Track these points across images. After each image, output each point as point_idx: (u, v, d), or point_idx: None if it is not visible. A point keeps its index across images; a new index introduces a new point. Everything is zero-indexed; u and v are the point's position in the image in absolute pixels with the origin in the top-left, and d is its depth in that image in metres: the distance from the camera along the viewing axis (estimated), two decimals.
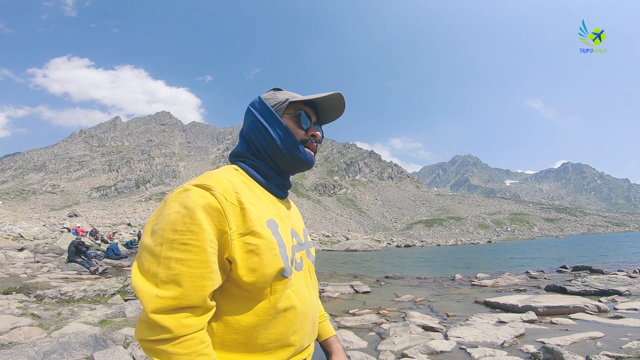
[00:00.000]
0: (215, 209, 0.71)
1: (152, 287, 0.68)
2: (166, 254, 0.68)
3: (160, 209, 0.74)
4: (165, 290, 0.67)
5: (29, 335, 3.12)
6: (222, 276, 0.74)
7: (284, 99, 0.93)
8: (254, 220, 0.76)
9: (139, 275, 0.70)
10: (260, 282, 0.75)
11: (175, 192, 0.74)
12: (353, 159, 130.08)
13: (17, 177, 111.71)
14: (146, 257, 0.70)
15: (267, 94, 0.96)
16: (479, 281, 8.25)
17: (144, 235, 0.74)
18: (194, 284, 0.68)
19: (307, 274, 0.92)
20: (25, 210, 62.23)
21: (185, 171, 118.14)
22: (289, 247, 0.84)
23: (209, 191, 0.72)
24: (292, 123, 0.93)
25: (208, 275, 0.70)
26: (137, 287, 0.69)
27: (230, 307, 0.77)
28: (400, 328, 3.94)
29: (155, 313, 0.66)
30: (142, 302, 0.68)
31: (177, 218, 0.70)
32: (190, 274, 0.68)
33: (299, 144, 0.92)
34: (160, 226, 0.71)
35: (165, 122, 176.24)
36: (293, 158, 0.92)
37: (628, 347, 3.11)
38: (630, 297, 5.69)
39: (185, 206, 0.70)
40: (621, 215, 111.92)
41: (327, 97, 0.94)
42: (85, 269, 8.89)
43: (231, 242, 0.73)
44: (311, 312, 0.89)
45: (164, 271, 0.68)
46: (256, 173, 0.89)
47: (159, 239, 0.70)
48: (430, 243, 55.72)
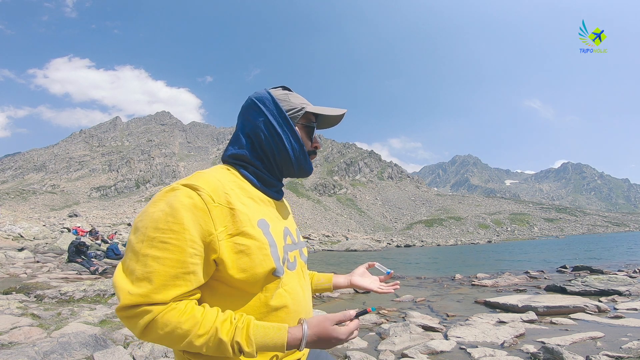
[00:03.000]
0: (201, 209, 0.71)
1: (127, 283, 0.68)
2: (145, 251, 0.69)
3: (147, 206, 0.74)
4: (138, 287, 0.67)
5: (29, 335, 3.12)
6: (204, 277, 0.74)
7: (300, 107, 0.91)
8: (244, 221, 0.76)
9: (120, 271, 0.71)
10: (251, 282, 0.76)
11: (163, 191, 0.75)
12: (353, 159, 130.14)
13: (17, 177, 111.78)
14: (127, 254, 0.71)
15: (278, 93, 0.92)
16: (479, 281, 8.25)
17: (131, 231, 0.74)
18: (165, 283, 0.68)
19: (300, 274, 0.92)
20: (25, 210, 62.28)
21: (185, 171, 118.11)
22: (281, 246, 0.83)
23: (196, 191, 0.72)
24: (304, 134, 0.92)
25: (183, 275, 0.69)
26: (115, 282, 0.70)
27: (222, 306, 0.77)
28: (400, 328, 3.94)
29: (124, 309, 0.67)
30: (117, 295, 0.69)
31: (161, 216, 0.70)
32: (164, 272, 0.68)
33: (307, 156, 0.92)
34: (143, 223, 0.71)
35: (165, 122, 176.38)
36: (299, 168, 0.92)
37: (628, 347, 3.11)
38: (630, 297, 5.69)
39: (170, 205, 0.71)
40: (621, 215, 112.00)
41: (337, 116, 0.96)
42: (85, 269, 8.89)
43: (218, 242, 0.72)
44: (304, 311, 0.88)
45: (141, 268, 0.68)
46: (254, 179, 0.87)
47: (140, 236, 0.70)
48: (430, 243, 55.74)
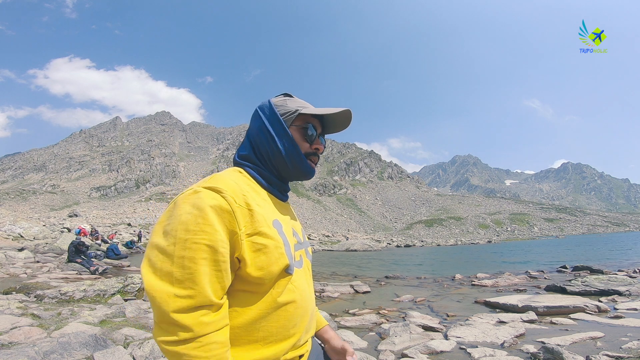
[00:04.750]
0: (226, 210, 0.74)
1: (167, 285, 0.69)
2: (180, 253, 0.70)
3: (170, 210, 0.76)
4: (182, 289, 0.68)
5: (29, 335, 3.11)
6: (232, 274, 0.77)
7: (294, 109, 0.94)
8: (261, 221, 0.79)
9: (152, 275, 0.70)
10: (267, 279, 0.79)
11: (186, 194, 0.76)
12: (353, 159, 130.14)
13: (17, 177, 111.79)
14: (159, 257, 0.71)
15: (277, 100, 0.97)
16: (479, 281, 8.25)
17: (154, 236, 0.75)
18: (208, 283, 0.70)
19: (306, 272, 0.96)
20: (25, 210, 62.27)
21: (185, 171, 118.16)
22: (292, 245, 0.88)
23: (220, 193, 0.75)
24: (299, 135, 0.95)
25: (220, 274, 0.72)
26: (152, 286, 0.69)
27: (234, 302, 0.79)
28: (400, 328, 3.94)
29: (176, 312, 0.68)
30: (159, 301, 0.68)
31: (190, 218, 0.71)
32: (203, 272, 0.70)
33: (302, 157, 0.94)
34: (172, 227, 0.72)
35: (165, 122, 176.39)
36: (295, 169, 0.95)
37: (628, 347, 3.11)
38: (630, 297, 5.69)
39: (197, 207, 0.72)
40: (621, 215, 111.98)
41: (337, 113, 0.96)
42: (85, 269, 8.88)
43: (241, 242, 0.76)
44: (310, 307, 0.93)
45: (179, 270, 0.69)
46: (261, 178, 0.92)
47: (172, 239, 0.71)
48: (430, 243, 55.75)
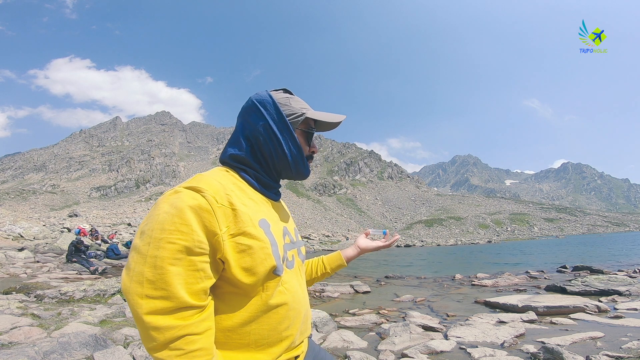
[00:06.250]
0: (206, 210, 0.72)
1: (137, 286, 0.67)
2: (153, 252, 0.68)
3: (151, 210, 0.75)
4: (153, 289, 0.67)
5: (29, 335, 3.11)
6: (214, 275, 0.75)
7: (300, 112, 0.93)
8: (246, 221, 0.77)
9: (126, 275, 0.70)
10: (253, 280, 0.77)
11: (166, 194, 0.75)
12: (353, 159, 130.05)
13: (17, 177, 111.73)
14: (133, 257, 0.70)
15: (279, 96, 0.94)
16: (479, 281, 8.25)
17: (135, 236, 0.74)
18: (182, 283, 0.68)
19: (298, 272, 0.93)
20: (25, 210, 62.23)
21: (185, 171, 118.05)
22: (281, 245, 0.85)
23: (200, 193, 0.73)
24: (303, 139, 0.95)
25: (197, 274, 0.70)
26: (125, 287, 0.69)
27: (223, 304, 0.78)
28: (400, 328, 3.94)
29: (149, 314, 0.66)
30: (132, 303, 0.67)
31: (166, 218, 0.70)
32: (177, 272, 0.68)
33: (305, 161, 0.95)
34: (149, 226, 0.71)
35: (165, 122, 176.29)
36: (297, 172, 0.95)
37: (628, 347, 3.11)
38: (630, 297, 5.69)
39: (175, 207, 0.71)
40: (621, 215, 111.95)
41: (336, 122, 0.97)
42: (85, 269, 8.88)
43: (223, 242, 0.73)
44: (303, 308, 0.90)
45: (150, 270, 0.67)
46: (256, 183, 0.89)
47: (147, 238, 0.70)
48: (430, 243, 55.74)
